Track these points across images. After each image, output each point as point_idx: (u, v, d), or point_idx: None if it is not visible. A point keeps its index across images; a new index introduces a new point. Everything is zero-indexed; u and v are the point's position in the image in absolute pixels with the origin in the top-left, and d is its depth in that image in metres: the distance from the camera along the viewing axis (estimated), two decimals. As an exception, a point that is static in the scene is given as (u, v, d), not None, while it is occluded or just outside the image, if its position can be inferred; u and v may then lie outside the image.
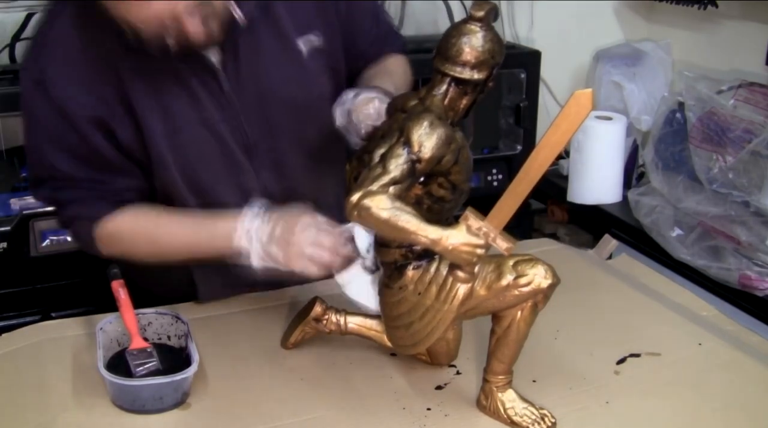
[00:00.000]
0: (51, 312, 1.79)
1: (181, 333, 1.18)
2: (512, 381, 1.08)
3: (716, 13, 2.26)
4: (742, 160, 1.87)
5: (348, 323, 1.17)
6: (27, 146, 1.22)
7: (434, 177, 1.01)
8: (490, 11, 1.00)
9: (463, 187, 1.05)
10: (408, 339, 1.07)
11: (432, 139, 0.97)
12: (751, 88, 1.99)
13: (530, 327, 1.04)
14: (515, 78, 2.23)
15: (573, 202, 2.30)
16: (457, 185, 1.03)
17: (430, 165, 0.97)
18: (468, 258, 0.96)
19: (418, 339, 1.06)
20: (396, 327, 1.08)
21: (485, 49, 0.99)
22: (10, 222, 1.76)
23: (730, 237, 1.83)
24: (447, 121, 1.00)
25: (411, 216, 0.94)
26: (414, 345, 1.08)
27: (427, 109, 1.00)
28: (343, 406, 1.09)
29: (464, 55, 0.99)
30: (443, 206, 1.05)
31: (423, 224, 0.94)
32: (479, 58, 0.99)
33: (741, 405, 1.10)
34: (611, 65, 2.45)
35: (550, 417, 1.05)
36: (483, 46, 0.99)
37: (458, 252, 0.95)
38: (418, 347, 1.08)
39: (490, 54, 1.00)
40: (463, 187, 1.05)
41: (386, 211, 0.94)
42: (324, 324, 1.17)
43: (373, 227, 0.99)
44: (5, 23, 1.97)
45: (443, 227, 0.95)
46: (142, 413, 1.06)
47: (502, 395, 1.07)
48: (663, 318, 1.32)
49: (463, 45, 0.99)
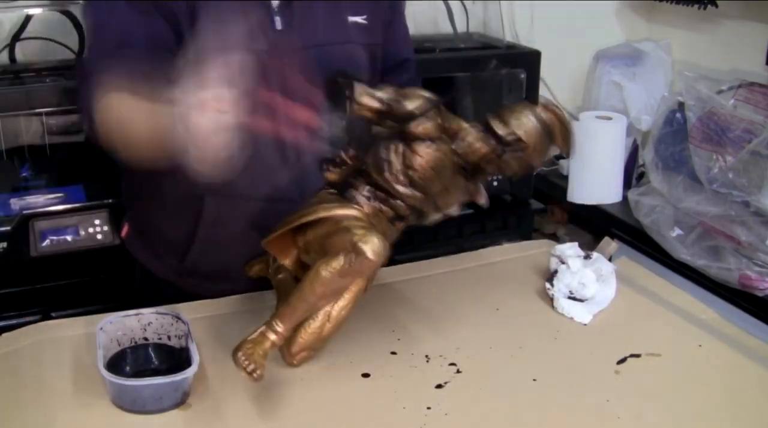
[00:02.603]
0: (51, 312, 1.79)
1: (181, 333, 1.18)
2: (274, 338, 1.06)
3: (716, 13, 2.26)
4: (742, 160, 1.87)
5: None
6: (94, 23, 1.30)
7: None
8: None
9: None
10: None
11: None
12: (751, 88, 1.99)
13: (330, 284, 1.04)
14: (515, 78, 2.23)
15: (573, 202, 2.31)
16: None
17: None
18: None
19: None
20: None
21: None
22: (10, 222, 1.76)
23: (730, 237, 1.84)
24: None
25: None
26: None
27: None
28: (344, 406, 1.09)
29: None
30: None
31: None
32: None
33: (741, 406, 1.10)
34: (611, 65, 2.45)
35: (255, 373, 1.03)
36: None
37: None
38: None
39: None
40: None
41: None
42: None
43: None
44: (5, 23, 1.97)
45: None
46: (142, 413, 1.06)
47: (262, 338, 1.05)
48: (663, 319, 1.32)
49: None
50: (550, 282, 1.34)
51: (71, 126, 1.92)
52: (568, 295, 1.33)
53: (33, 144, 1.87)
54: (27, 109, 1.78)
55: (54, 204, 1.82)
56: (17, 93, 1.76)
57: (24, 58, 2.00)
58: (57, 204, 1.82)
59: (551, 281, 1.34)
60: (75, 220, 1.80)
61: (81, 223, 1.80)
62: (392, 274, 1.42)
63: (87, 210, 1.81)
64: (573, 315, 1.30)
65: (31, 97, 1.76)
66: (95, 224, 1.81)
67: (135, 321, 1.19)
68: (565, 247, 1.38)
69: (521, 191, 2.28)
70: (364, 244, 1.00)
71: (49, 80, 1.82)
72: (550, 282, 1.34)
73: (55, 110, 1.80)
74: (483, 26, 2.41)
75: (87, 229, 1.81)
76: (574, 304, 1.31)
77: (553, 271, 1.37)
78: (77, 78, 1.33)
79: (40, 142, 1.86)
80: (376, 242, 1.00)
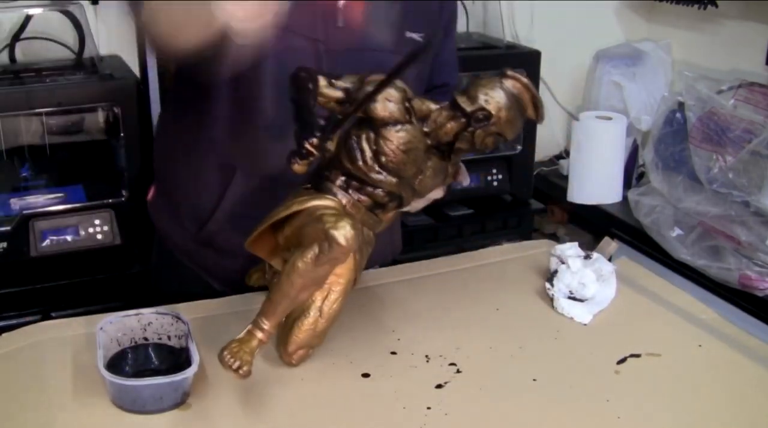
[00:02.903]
0: (51, 312, 1.79)
1: (181, 333, 1.18)
2: (261, 336, 1.06)
3: (716, 13, 2.26)
4: (742, 160, 1.88)
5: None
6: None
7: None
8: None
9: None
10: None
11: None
12: (751, 88, 1.99)
13: (306, 274, 1.03)
14: (515, 78, 2.23)
15: (573, 202, 2.31)
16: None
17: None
18: None
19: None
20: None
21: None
22: (10, 222, 1.76)
23: (730, 237, 1.84)
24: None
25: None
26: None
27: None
28: (343, 406, 1.09)
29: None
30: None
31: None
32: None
33: (741, 406, 1.11)
34: (611, 65, 2.45)
35: (242, 370, 1.03)
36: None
37: None
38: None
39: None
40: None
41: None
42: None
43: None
44: (5, 23, 1.97)
45: None
46: (142, 413, 1.06)
47: (249, 337, 1.05)
48: (663, 319, 1.32)
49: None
50: (550, 282, 1.34)
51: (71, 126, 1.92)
52: (568, 295, 1.33)
53: (33, 144, 1.87)
54: (27, 109, 1.78)
55: (54, 204, 1.82)
56: (17, 93, 1.76)
57: (24, 58, 2.00)
58: (57, 204, 1.82)
59: (551, 281, 1.34)
60: (75, 220, 1.81)
61: (81, 223, 1.81)
62: (392, 274, 1.42)
63: (87, 210, 1.82)
64: (573, 315, 1.30)
65: (31, 97, 1.76)
66: (95, 224, 1.81)
67: (135, 321, 1.19)
68: (565, 247, 1.38)
69: (521, 191, 2.28)
70: (335, 231, 0.99)
71: (49, 80, 1.83)
72: (550, 282, 1.34)
73: (55, 110, 1.80)
74: (483, 26, 2.41)
75: (87, 229, 1.81)
76: (574, 304, 1.31)
77: (553, 271, 1.37)
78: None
79: (40, 142, 1.87)
80: (347, 228, 1.00)
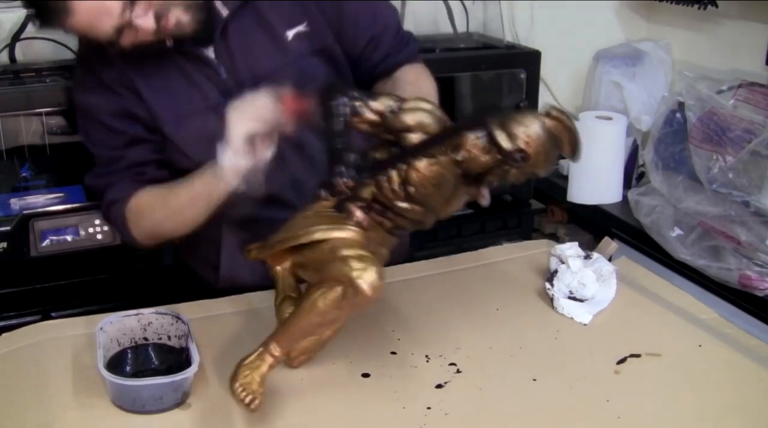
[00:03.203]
0: (51, 312, 1.79)
1: (181, 333, 1.18)
2: (272, 362, 1.04)
3: (716, 13, 2.26)
4: (742, 160, 1.87)
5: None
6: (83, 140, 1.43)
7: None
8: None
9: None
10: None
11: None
12: (751, 88, 1.99)
13: (326, 315, 1.02)
14: (515, 78, 2.23)
15: (573, 202, 2.30)
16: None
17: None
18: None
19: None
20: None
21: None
22: (10, 222, 1.76)
23: (730, 237, 1.84)
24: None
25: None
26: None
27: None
28: (343, 406, 1.09)
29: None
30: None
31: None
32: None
33: (740, 406, 1.11)
34: (611, 65, 2.45)
35: (253, 404, 1.02)
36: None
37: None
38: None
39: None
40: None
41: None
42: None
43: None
44: (5, 23, 1.97)
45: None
46: (142, 413, 1.06)
47: (260, 362, 1.04)
48: (663, 319, 1.32)
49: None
50: (550, 282, 1.34)
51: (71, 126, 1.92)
52: (568, 295, 1.33)
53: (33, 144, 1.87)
54: (27, 109, 1.78)
55: (54, 204, 1.82)
56: (17, 93, 1.76)
57: (24, 58, 2.00)
58: (57, 204, 1.82)
59: (551, 281, 1.34)
60: (75, 220, 1.80)
61: (81, 223, 1.80)
62: (392, 274, 1.42)
63: (87, 210, 1.81)
64: (573, 315, 1.30)
65: (31, 97, 1.76)
66: (95, 224, 1.81)
67: (135, 321, 1.19)
68: (565, 247, 1.38)
69: (521, 191, 2.28)
70: (361, 280, 0.95)
71: (49, 80, 1.82)
72: (550, 282, 1.34)
73: (55, 110, 1.80)
74: (483, 26, 2.41)
75: (87, 229, 1.81)
76: (574, 304, 1.31)
77: (553, 271, 1.37)
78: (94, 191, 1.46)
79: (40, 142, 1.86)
80: (374, 276, 0.95)
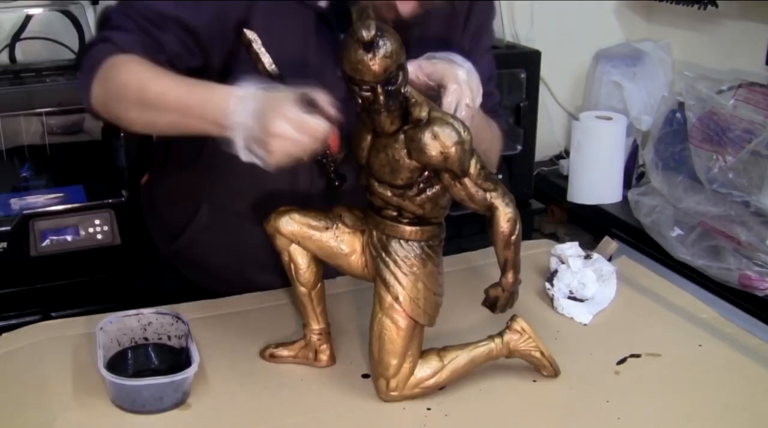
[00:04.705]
0: (51, 312, 1.79)
1: (181, 333, 1.18)
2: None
3: (716, 13, 2.26)
4: (742, 160, 1.88)
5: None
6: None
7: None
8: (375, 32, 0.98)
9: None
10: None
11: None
12: (751, 88, 1.99)
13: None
14: (515, 78, 2.23)
15: (573, 202, 2.31)
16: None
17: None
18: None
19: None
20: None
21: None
22: (10, 222, 1.76)
23: (730, 237, 1.84)
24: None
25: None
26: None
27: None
28: (344, 406, 1.09)
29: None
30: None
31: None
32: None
33: (740, 405, 1.10)
34: (611, 65, 2.45)
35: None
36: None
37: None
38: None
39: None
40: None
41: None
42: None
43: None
44: (5, 23, 1.98)
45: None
46: (142, 413, 1.06)
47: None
48: (663, 319, 1.32)
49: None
50: (550, 282, 1.34)
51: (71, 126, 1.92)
52: (568, 295, 1.33)
53: (33, 144, 1.87)
54: (27, 109, 1.78)
55: (54, 204, 1.82)
56: (17, 93, 1.76)
57: (24, 58, 2.00)
58: (57, 204, 1.82)
59: (551, 281, 1.34)
60: (75, 220, 1.81)
61: (81, 223, 1.81)
62: (392, 274, 1.42)
63: (87, 210, 1.82)
64: (573, 315, 1.30)
65: (31, 97, 1.76)
66: (95, 224, 1.81)
67: (135, 321, 1.19)
68: (565, 247, 1.38)
69: (521, 191, 2.28)
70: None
71: (49, 80, 1.83)
72: (550, 282, 1.34)
73: (55, 110, 1.80)
74: (483, 26, 2.41)
75: (87, 229, 1.81)
76: (574, 304, 1.31)
77: (553, 271, 1.37)
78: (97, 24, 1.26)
79: (40, 142, 1.87)
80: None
